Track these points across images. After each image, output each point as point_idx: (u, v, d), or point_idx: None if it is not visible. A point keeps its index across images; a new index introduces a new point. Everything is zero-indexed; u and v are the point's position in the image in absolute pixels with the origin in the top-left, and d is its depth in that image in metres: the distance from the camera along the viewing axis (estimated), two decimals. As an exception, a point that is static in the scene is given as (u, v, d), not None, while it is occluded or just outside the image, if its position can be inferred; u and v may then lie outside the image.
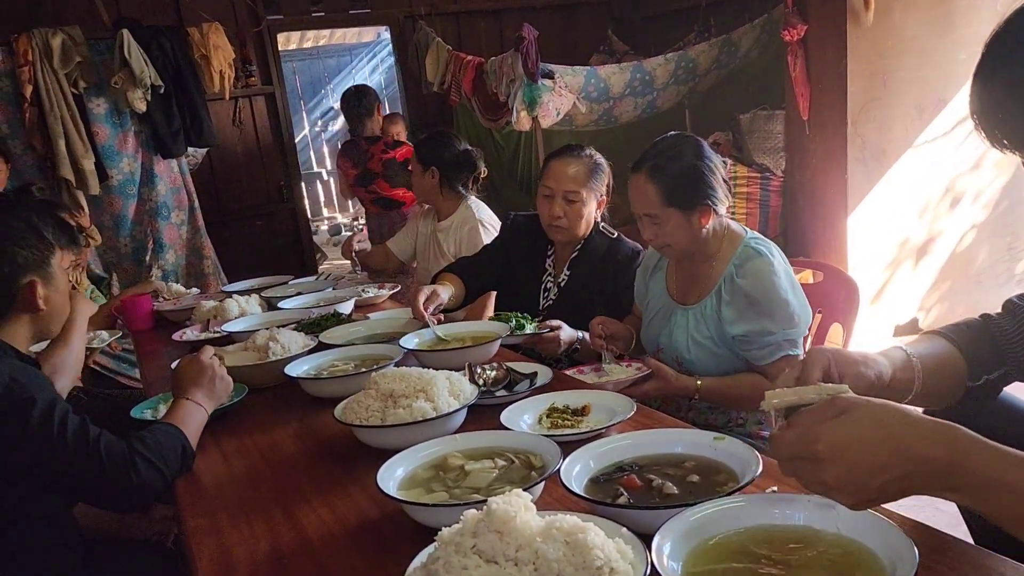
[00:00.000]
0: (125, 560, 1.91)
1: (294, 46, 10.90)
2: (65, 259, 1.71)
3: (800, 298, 1.95)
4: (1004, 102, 0.99)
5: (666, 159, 1.97)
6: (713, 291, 2.00)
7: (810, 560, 0.97)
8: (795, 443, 0.93)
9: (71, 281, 1.84)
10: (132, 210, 5.09)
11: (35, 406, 1.44)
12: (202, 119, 5.09)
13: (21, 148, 4.69)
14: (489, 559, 0.94)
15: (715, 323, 1.99)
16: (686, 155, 1.97)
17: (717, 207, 1.97)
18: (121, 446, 1.49)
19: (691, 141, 2.02)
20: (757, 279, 1.92)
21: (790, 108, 4.60)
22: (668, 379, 1.93)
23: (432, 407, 1.55)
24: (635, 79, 4.96)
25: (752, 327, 1.92)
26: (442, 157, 3.25)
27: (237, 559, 1.26)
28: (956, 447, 0.88)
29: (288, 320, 2.59)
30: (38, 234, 1.64)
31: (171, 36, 4.93)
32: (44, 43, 4.58)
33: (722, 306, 1.97)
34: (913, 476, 0.89)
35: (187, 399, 1.73)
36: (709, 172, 1.96)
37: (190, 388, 1.76)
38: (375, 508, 1.37)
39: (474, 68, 5.30)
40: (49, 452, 1.44)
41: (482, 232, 3.13)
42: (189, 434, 1.64)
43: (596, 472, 1.30)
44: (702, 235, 1.99)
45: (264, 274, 3.69)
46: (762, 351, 1.92)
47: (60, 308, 1.72)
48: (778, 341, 1.91)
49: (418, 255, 3.44)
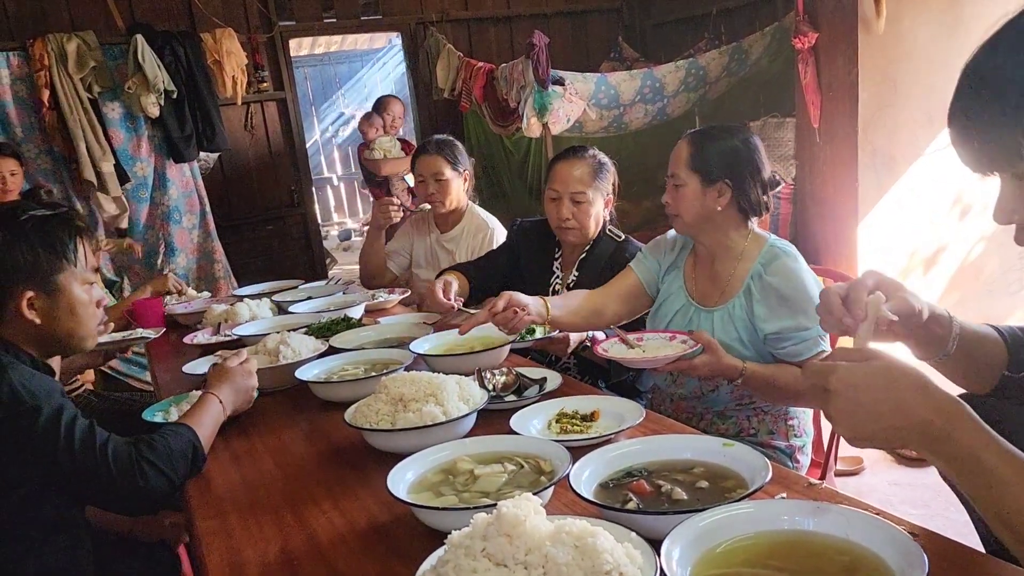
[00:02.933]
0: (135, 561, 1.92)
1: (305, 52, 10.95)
2: (79, 277, 1.64)
3: None
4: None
5: (715, 131, 2.03)
6: (741, 291, 1.99)
7: (819, 567, 0.97)
8: (817, 372, 1.02)
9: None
10: (144, 214, 5.13)
11: (40, 414, 1.44)
12: (214, 124, 5.12)
13: (35, 152, 4.73)
14: (499, 562, 0.94)
15: (745, 323, 1.98)
16: (734, 137, 2.00)
17: (740, 198, 1.97)
18: (128, 451, 1.50)
19: (747, 133, 2.03)
20: (787, 276, 1.92)
21: (800, 116, 4.60)
22: (719, 353, 1.83)
23: (442, 411, 1.56)
24: (645, 86, 4.97)
25: (787, 324, 1.91)
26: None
27: (247, 560, 1.27)
28: (952, 419, 0.95)
29: (299, 324, 2.60)
30: (30, 245, 1.57)
31: (184, 41, 4.97)
32: (59, 48, 4.62)
33: (754, 304, 1.96)
34: (906, 432, 0.97)
35: (209, 392, 1.80)
36: (746, 161, 1.97)
37: (214, 383, 1.83)
38: (385, 511, 1.37)
39: (485, 75, 5.32)
40: (55, 459, 1.45)
41: (496, 238, 3.11)
42: (203, 433, 1.66)
43: (605, 477, 1.30)
44: (713, 215, 1.99)
45: (274, 279, 3.70)
46: (798, 347, 1.90)
47: (66, 325, 1.63)
48: (814, 337, 1.89)
49: (419, 266, 3.30)
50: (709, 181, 1.97)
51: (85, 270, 1.66)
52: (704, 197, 1.98)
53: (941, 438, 0.95)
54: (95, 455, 1.46)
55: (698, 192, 1.98)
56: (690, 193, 1.99)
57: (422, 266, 3.28)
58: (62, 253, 1.61)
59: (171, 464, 1.53)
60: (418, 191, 3.23)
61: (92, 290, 1.68)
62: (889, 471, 3.20)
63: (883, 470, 3.21)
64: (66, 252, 1.61)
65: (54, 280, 1.60)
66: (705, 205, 1.99)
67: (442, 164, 3.06)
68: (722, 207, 1.98)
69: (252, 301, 2.90)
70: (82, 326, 1.66)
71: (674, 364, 1.80)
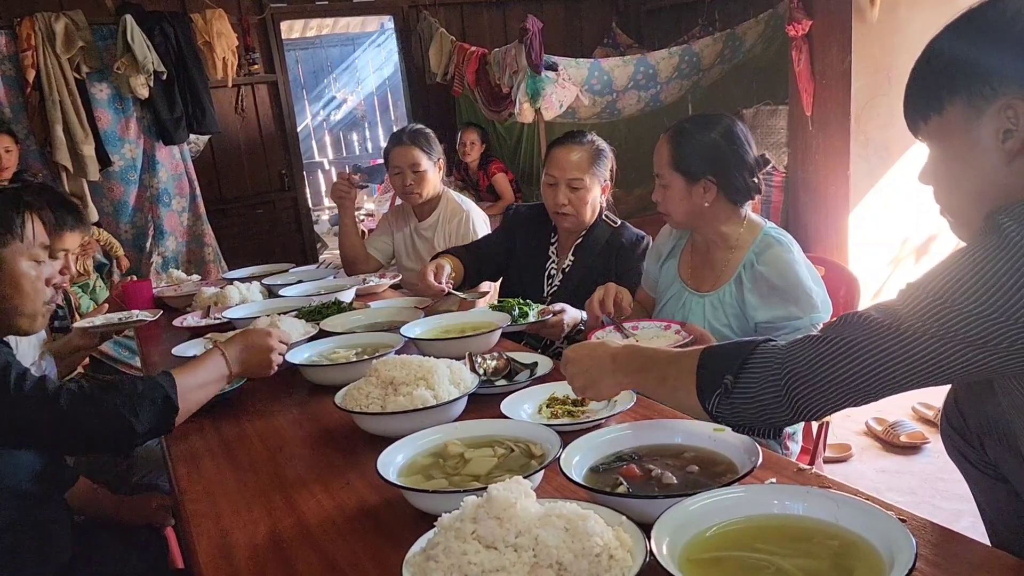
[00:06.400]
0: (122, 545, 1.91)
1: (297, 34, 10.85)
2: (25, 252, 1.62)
3: (820, 285, 1.95)
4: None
5: (693, 126, 2.00)
6: (732, 279, 2.00)
7: (808, 551, 0.97)
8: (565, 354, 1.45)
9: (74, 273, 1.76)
10: (133, 196, 5.10)
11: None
12: (204, 106, 5.09)
13: (24, 132, 4.69)
14: (488, 545, 0.94)
15: (735, 310, 1.99)
16: (712, 130, 1.98)
17: (727, 190, 1.97)
18: (86, 393, 1.48)
19: (725, 122, 2.01)
20: (777, 266, 1.92)
21: (794, 103, 4.60)
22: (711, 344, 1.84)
23: (433, 395, 1.55)
24: (639, 72, 4.95)
25: (778, 313, 1.91)
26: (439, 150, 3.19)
27: (236, 543, 1.27)
28: (623, 352, 1.36)
29: (289, 307, 2.59)
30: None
31: (174, 22, 4.93)
32: (47, 27, 4.57)
33: (745, 293, 1.97)
34: (600, 369, 1.37)
35: (217, 347, 1.74)
36: (729, 154, 1.96)
37: (229, 343, 1.78)
38: (374, 494, 1.37)
39: (478, 59, 5.29)
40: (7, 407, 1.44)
41: (472, 220, 3.09)
42: (186, 382, 1.61)
43: (596, 462, 1.30)
44: (703, 211, 1.99)
45: (264, 262, 3.69)
46: (789, 336, 1.90)
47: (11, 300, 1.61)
48: (805, 326, 1.89)
49: (401, 257, 3.30)
50: (693, 179, 1.97)
51: (33, 246, 1.64)
52: (690, 195, 1.99)
53: (619, 359, 1.34)
54: (46, 396, 1.45)
55: (684, 191, 1.99)
56: (676, 193, 2.00)
57: (403, 255, 3.26)
58: (8, 227, 1.60)
59: (133, 408, 1.49)
60: (394, 183, 3.18)
61: (42, 268, 1.66)
62: (877, 459, 3.22)
63: (871, 458, 3.23)
64: (11, 226, 1.60)
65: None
66: (692, 203, 1.99)
67: (418, 155, 3.02)
68: (709, 202, 1.98)
69: (242, 284, 2.89)
70: (28, 302, 1.64)
71: None
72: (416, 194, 3.05)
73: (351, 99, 12.36)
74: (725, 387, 1.15)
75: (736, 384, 1.14)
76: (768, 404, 1.13)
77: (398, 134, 3.12)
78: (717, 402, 1.16)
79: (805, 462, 2.16)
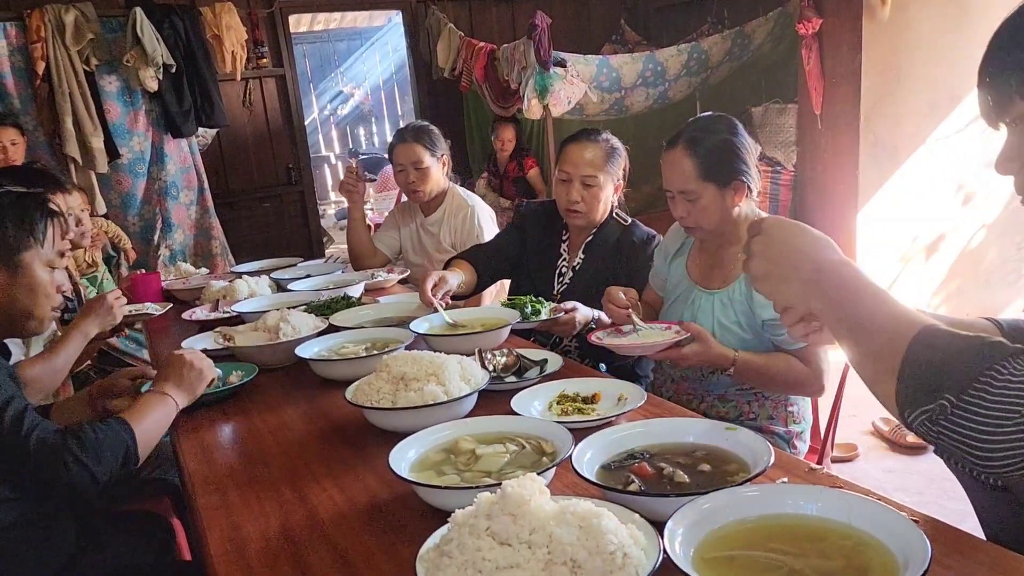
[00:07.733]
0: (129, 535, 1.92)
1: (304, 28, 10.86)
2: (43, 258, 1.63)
3: None
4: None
5: (703, 133, 1.98)
6: (742, 276, 1.99)
7: (822, 551, 0.97)
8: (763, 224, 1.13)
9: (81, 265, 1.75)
10: (141, 189, 5.10)
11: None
12: (213, 99, 5.09)
13: (32, 124, 4.70)
14: (503, 541, 0.94)
15: (744, 307, 1.98)
16: (721, 131, 1.98)
17: (751, 185, 1.97)
18: (55, 441, 1.45)
19: (725, 119, 2.02)
20: None
21: (802, 102, 4.59)
22: (709, 343, 1.83)
23: (443, 391, 1.55)
24: (647, 69, 4.94)
25: None
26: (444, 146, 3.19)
27: (248, 536, 1.27)
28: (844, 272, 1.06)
29: (298, 302, 2.59)
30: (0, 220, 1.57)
31: (184, 15, 4.93)
32: (57, 19, 4.58)
33: (753, 290, 1.96)
34: (794, 271, 1.08)
35: (155, 391, 1.69)
36: (744, 149, 1.96)
37: (160, 381, 1.72)
38: (385, 489, 1.38)
39: (486, 55, 5.29)
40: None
41: (477, 215, 3.09)
42: (141, 431, 1.57)
43: (607, 459, 1.30)
44: (733, 215, 1.99)
45: (271, 256, 3.69)
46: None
47: (23, 304, 1.62)
48: None
49: (407, 252, 3.31)
50: (724, 184, 1.95)
51: (51, 253, 1.66)
52: (724, 201, 1.97)
53: (823, 294, 1.05)
54: (18, 439, 1.43)
55: (717, 199, 1.97)
56: (709, 203, 1.97)
57: (410, 251, 3.28)
58: (31, 231, 1.61)
59: (97, 459, 1.47)
60: (397, 180, 3.19)
61: (55, 274, 1.67)
62: (883, 459, 3.22)
63: (878, 458, 3.23)
64: (35, 231, 1.62)
65: (18, 258, 1.60)
66: (725, 208, 1.98)
67: (421, 152, 3.02)
68: (738, 203, 1.98)
69: (251, 278, 2.89)
70: (39, 307, 1.66)
71: (663, 352, 1.82)
72: (419, 191, 3.06)
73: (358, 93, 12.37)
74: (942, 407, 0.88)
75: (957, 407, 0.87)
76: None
77: (401, 131, 3.13)
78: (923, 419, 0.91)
79: (813, 461, 2.17)
